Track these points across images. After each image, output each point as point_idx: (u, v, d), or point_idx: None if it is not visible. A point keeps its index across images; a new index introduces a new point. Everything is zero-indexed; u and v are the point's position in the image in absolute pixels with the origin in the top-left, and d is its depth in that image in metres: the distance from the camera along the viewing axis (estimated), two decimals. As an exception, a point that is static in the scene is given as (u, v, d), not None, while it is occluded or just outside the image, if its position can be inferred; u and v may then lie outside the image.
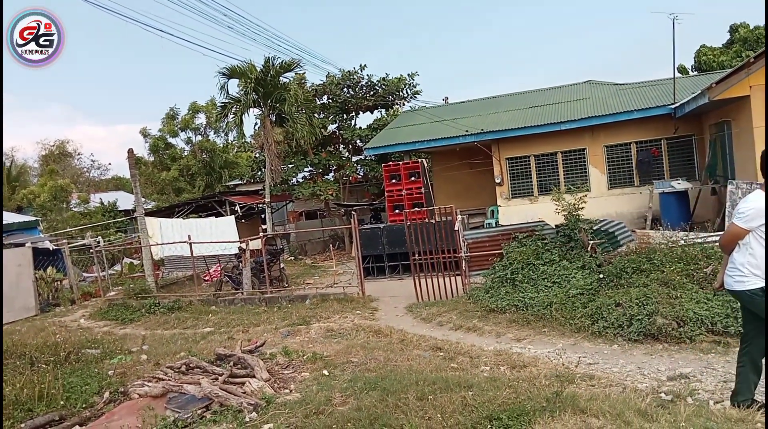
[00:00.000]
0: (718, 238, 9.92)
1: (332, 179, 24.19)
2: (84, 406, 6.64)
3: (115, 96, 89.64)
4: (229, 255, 16.17)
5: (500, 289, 10.22)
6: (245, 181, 31.01)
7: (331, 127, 25.27)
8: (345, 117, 25.19)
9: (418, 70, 56.35)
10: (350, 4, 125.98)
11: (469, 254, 11.77)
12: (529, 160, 18.06)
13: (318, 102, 24.60)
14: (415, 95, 25.21)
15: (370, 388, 5.91)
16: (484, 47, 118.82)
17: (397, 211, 17.92)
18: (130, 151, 15.76)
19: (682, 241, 9.68)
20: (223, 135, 37.15)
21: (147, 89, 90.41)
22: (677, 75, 19.50)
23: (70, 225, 27.49)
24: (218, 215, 22.39)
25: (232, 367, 7.22)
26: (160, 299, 14.02)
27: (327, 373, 6.94)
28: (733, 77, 12.36)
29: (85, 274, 20.24)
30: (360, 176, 25.16)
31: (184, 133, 36.21)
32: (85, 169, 49.12)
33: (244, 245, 14.20)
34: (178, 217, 22.32)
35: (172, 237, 16.53)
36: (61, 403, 6.64)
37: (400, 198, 18.22)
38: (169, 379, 6.98)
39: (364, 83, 24.36)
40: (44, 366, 7.78)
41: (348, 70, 24.22)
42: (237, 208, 23.24)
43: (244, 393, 6.25)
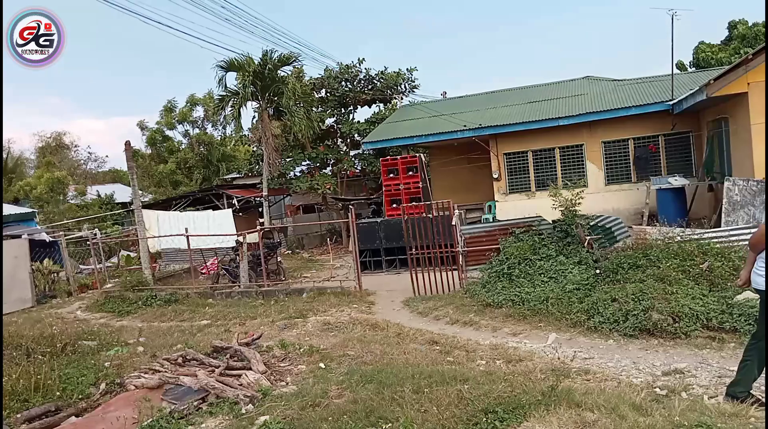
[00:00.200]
0: (714, 234, 9.98)
1: (330, 173, 24.16)
2: (80, 397, 6.65)
3: (112, 88, 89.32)
4: (227, 248, 16.16)
5: (497, 284, 10.24)
6: (243, 175, 30.94)
7: (329, 121, 25.22)
8: (343, 111, 25.14)
9: (417, 65, 56.15)
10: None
11: (466, 249, 11.78)
12: (526, 156, 18.06)
13: (316, 96, 24.53)
14: (414, 90, 25.19)
15: (366, 381, 5.94)
16: (480, 42, 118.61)
17: (394, 205, 17.91)
18: (127, 144, 15.70)
19: (679, 238, 9.71)
20: (220, 128, 36.95)
21: (145, 82, 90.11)
22: (675, 71, 19.50)
23: (67, 217, 27.44)
24: (215, 208, 22.34)
25: (228, 359, 7.24)
26: (156, 292, 14.02)
27: (323, 366, 6.96)
28: (731, 74, 12.35)
29: (81, 266, 20.20)
30: (358, 170, 25.14)
31: (181, 125, 36.08)
32: (82, 162, 49.00)
33: (241, 238, 14.19)
34: (175, 210, 22.26)
35: (170, 230, 16.50)
36: (57, 394, 6.65)
37: (398, 192, 18.21)
38: (166, 371, 7.00)
39: (363, 77, 24.31)
40: (40, 357, 7.79)
41: (346, 64, 24.17)
42: (234, 201, 23.20)
43: (241, 385, 6.26)
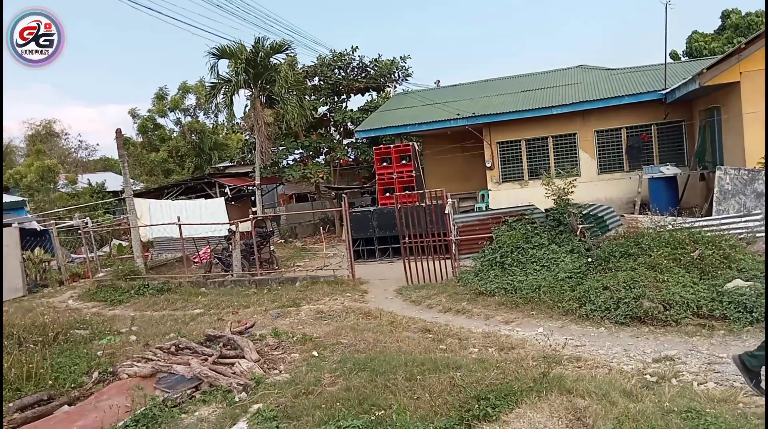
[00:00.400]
0: (705, 223, 10.04)
1: (323, 162, 24.07)
2: (73, 386, 6.65)
3: (103, 76, 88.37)
4: (219, 237, 16.11)
5: (489, 273, 10.28)
6: (235, 163, 30.78)
7: (322, 110, 25.09)
8: (336, 99, 25.00)
9: (410, 53, 55.89)
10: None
11: (459, 238, 11.80)
12: (519, 145, 18.06)
13: (309, 84, 24.37)
14: (407, 78, 25.08)
15: (359, 368, 5.96)
16: (475, 32, 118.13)
17: (387, 194, 17.90)
18: (118, 132, 15.57)
19: (670, 226, 9.76)
20: (212, 116, 36.79)
21: (136, 69, 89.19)
22: (669, 61, 19.51)
23: (58, 206, 27.25)
24: (208, 197, 22.23)
25: (221, 348, 7.24)
26: (149, 281, 13.98)
27: (316, 354, 6.98)
28: (723, 63, 12.38)
29: (73, 255, 20.10)
30: (351, 159, 25.06)
31: (173, 113, 35.79)
32: (73, 150, 48.52)
33: (234, 227, 14.15)
34: (167, 199, 22.14)
35: (161, 218, 16.42)
36: (50, 383, 6.64)
37: (391, 181, 18.18)
38: (159, 360, 7.00)
39: (356, 65, 24.15)
40: (32, 346, 7.76)
41: (340, 52, 24.01)
42: (227, 190, 23.10)
43: (234, 373, 6.27)
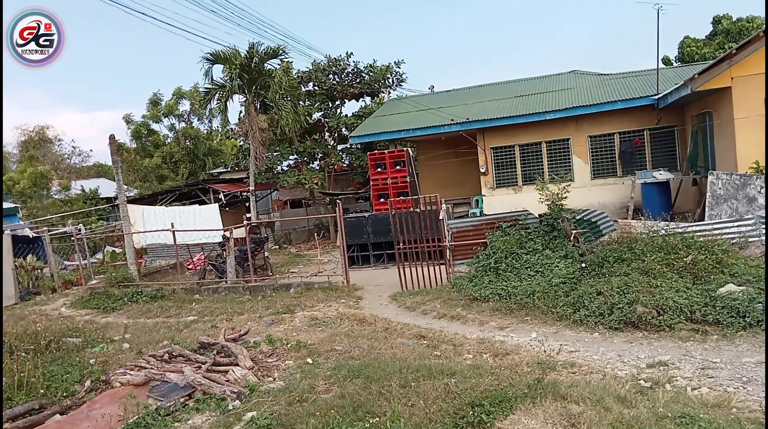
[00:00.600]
0: (698, 228, 10.09)
1: (317, 168, 24.07)
2: (65, 394, 6.60)
3: (97, 81, 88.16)
4: (213, 243, 16.07)
5: (484, 278, 10.29)
6: (229, 169, 30.75)
7: (317, 115, 25.10)
8: (331, 105, 25.03)
9: (404, 59, 56.01)
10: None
11: (453, 243, 11.81)
12: (513, 150, 18.12)
13: (303, 89, 24.40)
14: (401, 83, 25.13)
15: (353, 375, 5.94)
16: (468, 37, 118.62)
17: (382, 199, 17.91)
18: (112, 137, 15.52)
19: (663, 231, 9.80)
20: (206, 122, 36.80)
21: (130, 75, 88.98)
22: (661, 66, 19.64)
23: (51, 212, 27.10)
24: (202, 203, 22.21)
25: (215, 355, 7.21)
26: (142, 288, 13.91)
27: (311, 361, 6.95)
28: (715, 68, 12.48)
29: (66, 263, 19.99)
30: (345, 165, 25.07)
31: (167, 119, 35.77)
32: (66, 156, 48.28)
33: (228, 233, 14.11)
34: (161, 205, 22.08)
35: (155, 225, 16.37)
36: (41, 391, 6.59)
37: (386, 187, 18.19)
38: (152, 368, 6.95)
39: (351, 70, 24.20)
40: (24, 354, 7.69)
41: (334, 57, 24.05)
42: (221, 196, 23.07)
43: (228, 381, 6.24)
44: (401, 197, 16.81)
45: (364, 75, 24.29)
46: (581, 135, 17.46)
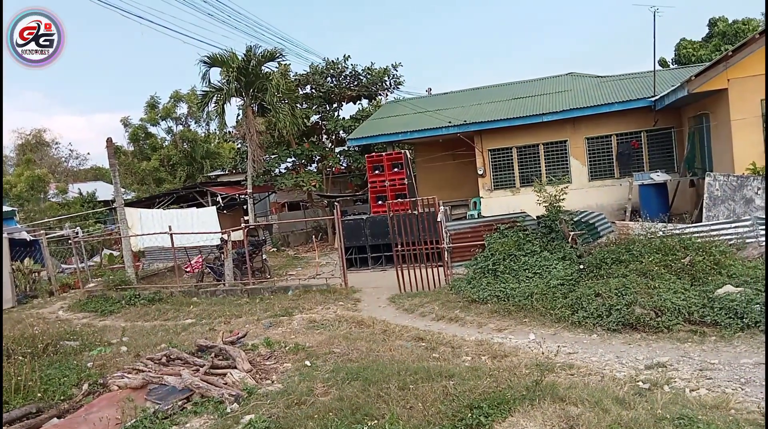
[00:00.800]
0: (695, 229, 10.11)
1: (315, 170, 24.07)
2: (62, 398, 6.57)
3: (94, 84, 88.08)
4: (211, 246, 16.05)
5: (482, 280, 10.28)
6: (227, 172, 30.74)
7: (314, 118, 25.12)
8: (328, 108, 25.05)
9: (402, 61, 56.28)
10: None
11: (451, 245, 11.81)
12: (511, 152, 18.14)
13: (301, 92, 24.41)
14: (398, 86, 25.16)
15: (352, 378, 5.93)
16: (465, 39, 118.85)
17: (380, 202, 17.92)
18: (109, 141, 15.50)
19: (661, 233, 9.81)
20: (204, 125, 36.79)
21: (127, 78, 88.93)
22: (657, 68, 19.70)
23: (48, 215, 27.04)
24: (200, 206, 22.15)
25: (213, 358, 7.19)
26: (140, 291, 13.88)
27: (309, 364, 6.94)
28: (711, 70, 12.52)
29: (63, 266, 19.93)
30: (343, 167, 25.07)
31: (164, 122, 35.77)
32: (64, 159, 48.25)
33: (225, 236, 14.09)
34: (158, 208, 22.05)
35: (153, 228, 16.33)
36: (39, 395, 6.56)
37: (383, 189, 18.20)
38: (150, 371, 6.93)
39: (348, 73, 24.22)
40: (21, 358, 7.66)
41: (332, 60, 24.08)
42: (219, 198, 23.04)
43: (226, 384, 6.23)
44: (399, 199, 16.82)
45: (361, 78, 24.32)
46: (578, 137, 17.49)
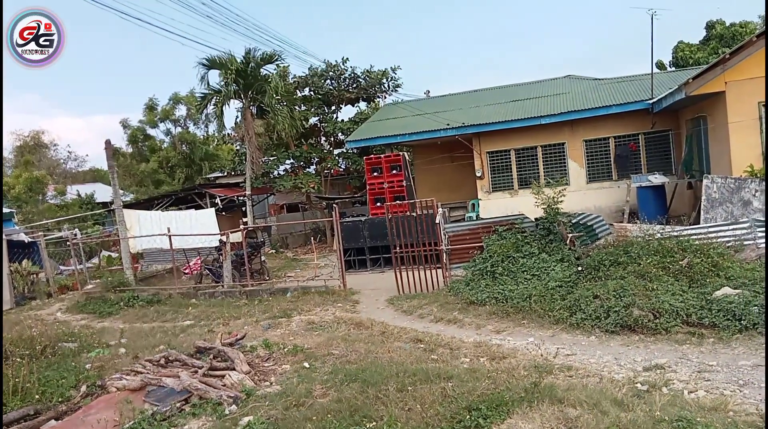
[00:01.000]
0: (693, 231, 10.13)
1: (314, 172, 24.10)
2: (60, 400, 6.56)
3: (93, 86, 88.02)
4: (210, 248, 16.03)
5: (480, 282, 10.29)
6: (226, 174, 30.75)
7: (313, 120, 25.15)
8: (327, 110, 25.09)
9: (400, 64, 56.21)
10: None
11: (449, 247, 11.82)
12: (509, 154, 18.17)
13: (300, 94, 24.44)
14: (397, 88, 25.21)
15: (350, 380, 5.94)
16: (464, 41, 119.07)
17: (378, 204, 17.92)
18: (108, 142, 15.50)
19: (659, 235, 9.83)
20: (203, 127, 36.82)
21: (126, 80, 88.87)
22: (655, 71, 19.74)
23: (46, 217, 27.00)
24: (198, 208, 22.13)
25: (212, 359, 7.18)
26: (138, 292, 13.86)
27: (308, 366, 6.94)
28: (709, 73, 12.56)
29: (61, 267, 19.90)
30: (342, 169, 25.09)
31: (163, 124, 35.76)
32: (62, 161, 48.18)
33: (224, 238, 14.09)
34: (157, 210, 22.02)
35: (151, 229, 16.31)
36: (36, 397, 6.55)
37: (382, 191, 18.21)
38: (148, 372, 6.92)
39: (347, 75, 24.26)
40: (19, 360, 7.65)
41: (331, 62, 24.12)
42: (217, 200, 23.02)
43: (224, 386, 6.22)
44: (397, 201, 16.84)
45: (360, 80, 24.37)
46: (577, 139, 17.53)
